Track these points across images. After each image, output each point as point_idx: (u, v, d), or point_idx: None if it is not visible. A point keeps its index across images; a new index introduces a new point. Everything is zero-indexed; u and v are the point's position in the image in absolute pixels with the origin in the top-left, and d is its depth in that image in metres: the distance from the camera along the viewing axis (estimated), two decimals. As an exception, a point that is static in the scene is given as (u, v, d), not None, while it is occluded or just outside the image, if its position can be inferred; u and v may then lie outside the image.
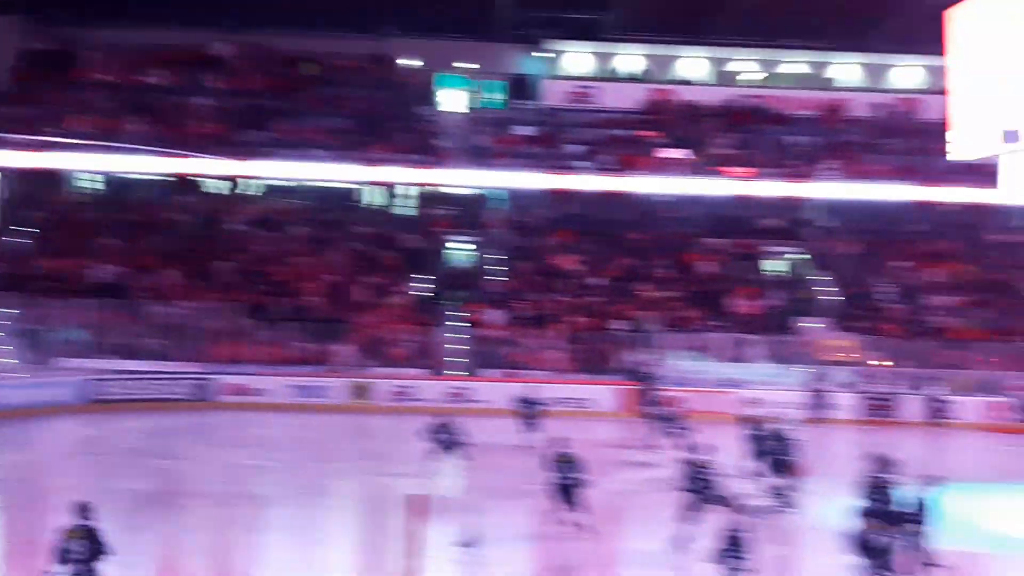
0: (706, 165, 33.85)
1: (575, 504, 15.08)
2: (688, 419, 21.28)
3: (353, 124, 34.85)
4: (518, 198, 35.27)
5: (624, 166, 33.71)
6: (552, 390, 27.76)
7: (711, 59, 38.95)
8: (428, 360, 29.15)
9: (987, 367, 29.10)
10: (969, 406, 27.84)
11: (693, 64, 38.98)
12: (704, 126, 35.74)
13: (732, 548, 10.78)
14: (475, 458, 21.14)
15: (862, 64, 38.92)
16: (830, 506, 16.21)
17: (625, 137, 35.33)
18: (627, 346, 29.25)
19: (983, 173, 28.77)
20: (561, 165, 33.98)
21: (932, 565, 12.41)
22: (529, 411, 21.63)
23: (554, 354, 29.23)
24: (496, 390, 27.87)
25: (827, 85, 38.17)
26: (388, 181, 34.83)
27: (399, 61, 38.07)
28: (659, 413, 22.44)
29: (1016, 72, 17.03)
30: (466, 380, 28.35)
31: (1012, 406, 27.69)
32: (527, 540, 15.33)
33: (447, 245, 34.47)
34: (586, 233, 34.07)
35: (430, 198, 36.12)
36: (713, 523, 12.49)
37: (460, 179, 34.78)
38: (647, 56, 38.71)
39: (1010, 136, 17.27)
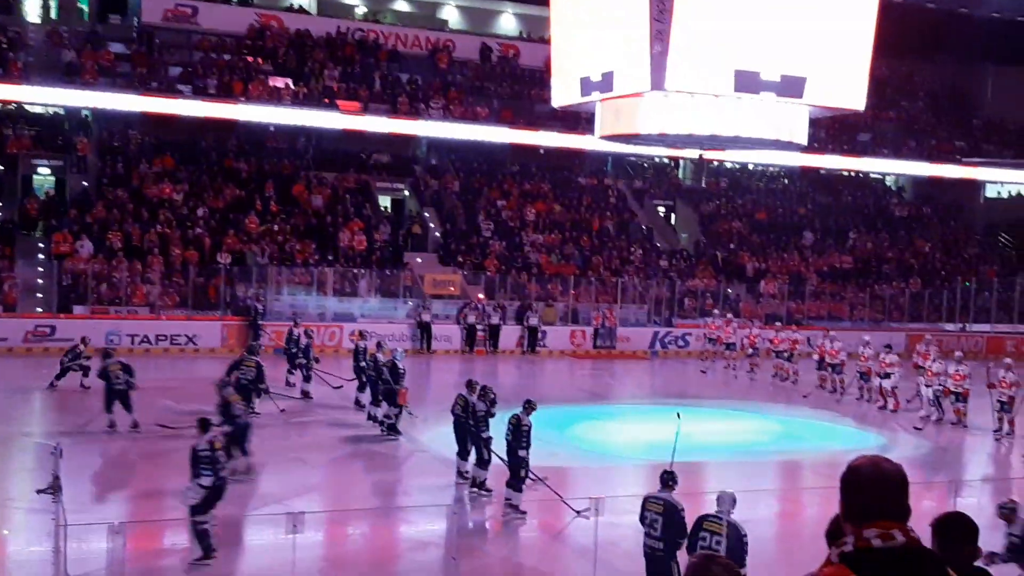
0: (314, 96, 33.24)
1: (130, 409, 16.48)
2: (301, 352, 21.11)
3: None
4: (110, 121, 32.45)
5: (228, 92, 32.12)
6: (152, 327, 26.32)
7: (320, -12, 38.20)
8: (2, 296, 26.18)
9: (572, 299, 31.64)
10: (557, 335, 30.18)
11: (302, -9, 38.01)
12: (313, 56, 35.02)
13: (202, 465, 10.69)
14: (58, 399, 19.65)
15: (469, 8, 40.14)
16: (435, 432, 16.83)
17: (229, 62, 33.66)
18: (234, 280, 28.22)
19: (579, 119, 31.04)
20: (159, 87, 31.65)
21: (529, 478, 13.26)
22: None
23: (153, 289, 27.47)
24: (85, 328, 25.81)
25: (436, 25, 38.92)
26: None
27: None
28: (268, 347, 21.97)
29: (605, 23, 18.25)
30: (48, 318, 25.84)
31: (591, 334, 30.41)
32: (109, 481, 14.51)
33: (27, 169, 31.00)
34: (187, 161, 32.19)
35: (6, 116, 32.20)
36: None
37: (42, 97, 31.24)
38: (254, -21, 37.03)
39: (590, 86, 18.47)
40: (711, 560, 3.41)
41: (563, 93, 19.95)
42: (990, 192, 44.04)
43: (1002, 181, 43.27)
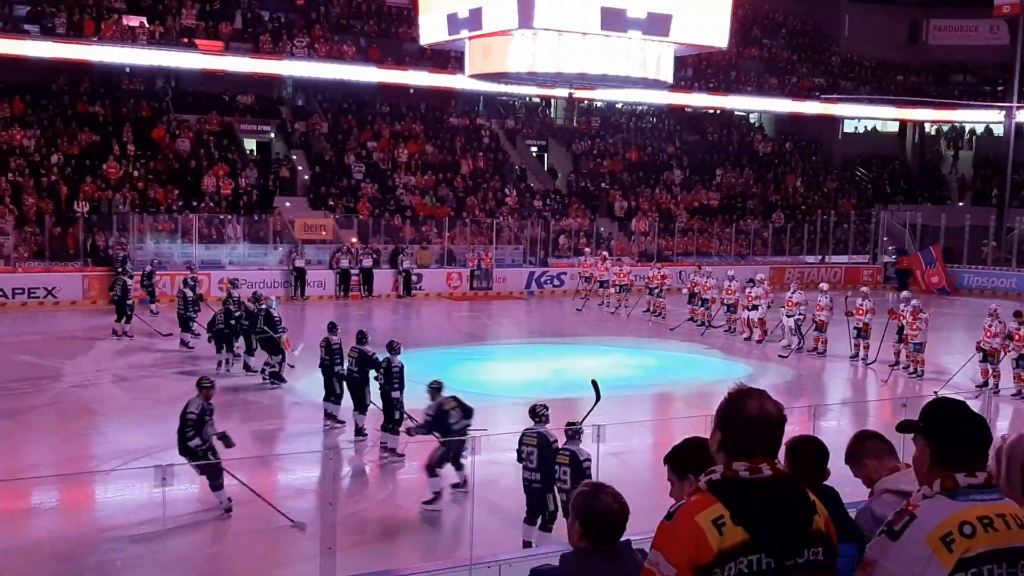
0: (171, 35, 31.78)
1: None
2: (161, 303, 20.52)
3: None
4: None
5: (79, 32, 30.40)
6: (8, 280, 25.09)
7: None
8: None
9: (447, 241, 31.48)
10: (434, 277, 30.08)
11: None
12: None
13: None
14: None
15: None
16: (312, 380, 16.61)
17: (79, 0, 31.81)
18: (93, 229, 27.05)
19: (449, 58, 30.69)
20: (3, 27, 29.72)
21: (404, 419, 13.25)
22: None
23: (7, 240, 26.09)
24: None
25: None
26: None
27: None
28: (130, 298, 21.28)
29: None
30: None
31: (468, 276, 30.39)
32: None
33: None
34: (38, 105, 30.49)
35: None
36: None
37: None
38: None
39: (459, 23, 18.27)
40: (600, 489, 3.43)
41: (431, 31, 19.74)
42: (848, 127, 45.66)
43: (859, 117, 44.90)
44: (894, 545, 2.80)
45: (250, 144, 33.85)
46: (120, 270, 22.10)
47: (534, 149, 39.60)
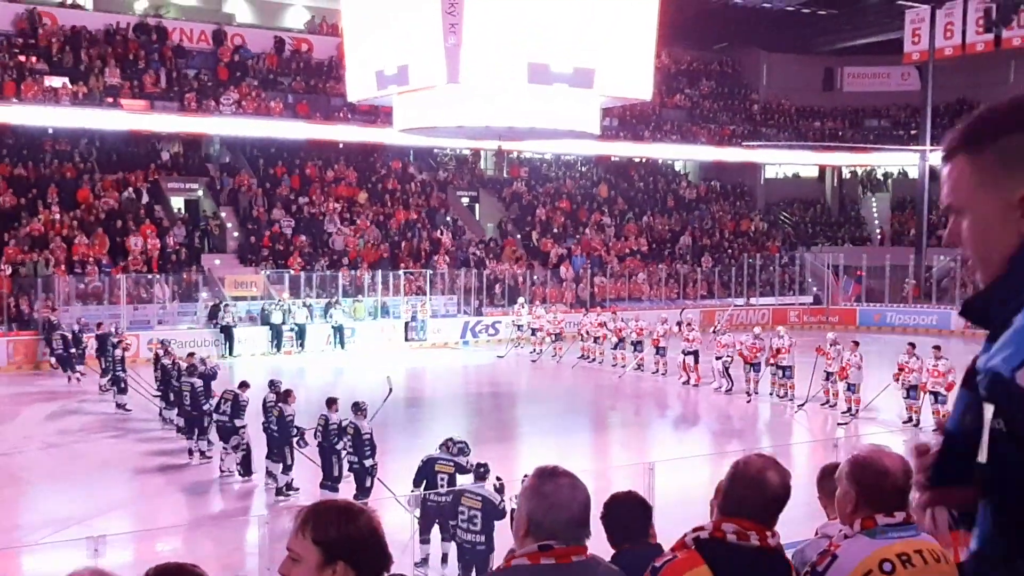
0: (95, 96, 31.45)
1: None
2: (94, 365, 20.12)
3: None
4: None
5: (0, 94, 29.92)
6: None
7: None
8: None
9: (381, 294, 31.35)
10: (368, 330, 29.92)
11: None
12: (90, 53, 33.11)
13: None
14: None
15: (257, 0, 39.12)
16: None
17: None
18: (17, 292, 26.43)
19: (378, 111, 30.84)
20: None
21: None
22: None
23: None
24: None
25: (223, 19, 37.63)
26: None
27: None
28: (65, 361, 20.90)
29: (397, 16, 18.28)
30: None
31: (403, 327, 30.29)
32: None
33: None
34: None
35: None
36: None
37: None
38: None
39: (386, 80, 18.48)
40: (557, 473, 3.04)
41: (359, 88, 19.91)
42: (769, 173, 46.89)
43: (780, 163, 46.18)
44: None
45: (177, 202, 33.51)
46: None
47: (465, 200, 39.87)
